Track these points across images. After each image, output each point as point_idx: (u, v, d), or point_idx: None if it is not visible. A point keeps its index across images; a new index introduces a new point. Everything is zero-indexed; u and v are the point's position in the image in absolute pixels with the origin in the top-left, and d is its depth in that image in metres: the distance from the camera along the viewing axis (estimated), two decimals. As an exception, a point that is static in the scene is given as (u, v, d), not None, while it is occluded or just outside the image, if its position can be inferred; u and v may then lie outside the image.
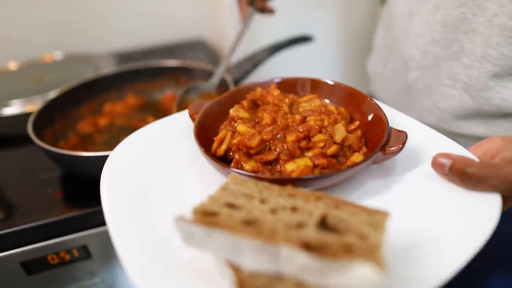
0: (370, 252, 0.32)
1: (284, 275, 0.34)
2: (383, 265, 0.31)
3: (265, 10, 0.99)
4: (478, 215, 0.43)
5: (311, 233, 0.34)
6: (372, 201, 0.48)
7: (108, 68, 1.23)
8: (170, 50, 1.47)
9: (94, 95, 1.06)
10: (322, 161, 0.49)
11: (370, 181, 0.52)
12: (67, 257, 0.77)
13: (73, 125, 1.00)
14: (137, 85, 1.10)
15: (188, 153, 0.58)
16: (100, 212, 0.75)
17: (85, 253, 0.78)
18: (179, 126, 0.62)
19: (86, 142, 0.96)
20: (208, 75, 1.05)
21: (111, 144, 0.93)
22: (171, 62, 1.11)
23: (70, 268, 0.79)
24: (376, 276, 0.30)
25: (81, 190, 0.83)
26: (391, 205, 0.44)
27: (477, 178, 0.45)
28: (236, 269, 0.35)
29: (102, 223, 0.76)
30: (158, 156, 0.57)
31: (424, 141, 0.55)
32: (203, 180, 0.54)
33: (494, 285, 0.83)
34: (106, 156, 0.71)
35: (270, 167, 0.50)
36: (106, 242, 0.78)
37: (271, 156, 0.50)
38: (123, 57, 1.41)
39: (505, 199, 0.45)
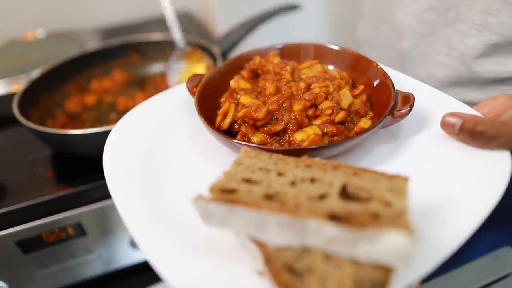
0: (397, 218, 0.32)
1: (311, 248, 0.33)
2: (412, 230, 0.30)
3: None
4: (489, 173, 0.43)
5: (336, 204, 0.34)
6: (383, 166, 0.47)
7: (93, 44, 1.18)
8: (157, 23, 1.41)
9: (80, 72, 1.02)
10: (331, 128, 0.48)
11: (378, 146, 0.51)
12: (62, 235, 0.77)
13: (60, 103, 0.96)
14: (124, 60, 1.06)
15: (189, 127, 0.56)
16: (93, 190, 0.76)
17: (79, 230, 0.78)
18: (178, 100, 0.60)
19: (74, 121, 0.93)
20: (197, 48, 1.02)
21: (100, 121, 0.93)
22: (158, 36, 1.07)
23: (66, 246, 0.79)
24: (406, 242, 0.30)
25: (71, 168, 0.81)
26: (403, 169, 0.44)
27: (488, 136, 0.44)
28: (261, 245, 0.34)
29: (95, 200, 0.77)
30: (159, 131, 0.55)
31: (429, 102, 0.54)
32: (208, 154, 0.52)
33: (486, 242, 0.85)
34: (95, 133, 0.71)
35: (278, 138, 0.49)
36: (100, 219, 0.78)
37: (279, 127, 0.48)
38: (108, 32, 1.35)
39: None
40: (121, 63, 1.06)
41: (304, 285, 0.30)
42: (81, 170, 0.79)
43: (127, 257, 0.85)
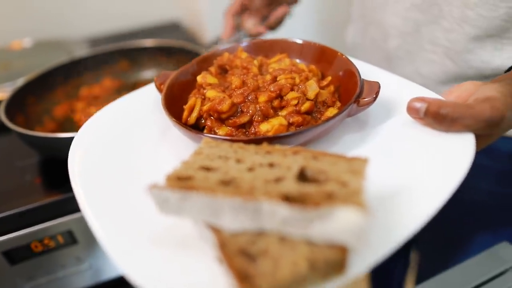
0: (351, 197, 0.30)
1: (266, 231, 0.31)
2: (364, 207, 0.29)
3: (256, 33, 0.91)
4: (453, 155, 0.42)
5: (291, 186, 0.32)
6: (351, 154, 0.46)
7: (80, 53, 1.16)
8: (145, 33, 1.39)
9: (69, 79, 0.99)
10: (296, 118, 0.47)
11: (346, 134, 0.50)
12: (52, 244, 0.73)
13: (48, 110, 0.94)
14: (113, 67, 1.04)
15: (159, 125, 0.54)
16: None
17: (70, 238, 0.74)
18: (148, 99, 0.58)
19: (62, 127, 0.91)
20: (187, 54, 0.99)
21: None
22: (148, 42, 1.05)
23: (56, 255, 0.75)
24: (359, 219, 0.29)
25: (60, 175, 0.77)
26: (369, 156, 0.42)
27: (451, 118, 0.43)
28: (216, 231, 0.32)
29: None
30: (128, 131, 0.54)
31: (397, 91, 0.53)
32: (177, 151, 0.50)
33: (478, 243, 0.83)
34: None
35: (244, 130, 0.48)
36: (92, 226, 0.75)
37: (244, 119, 0.47)
38: (96, 42, 1.33)
39: (478, 138, 0.45)
40: (110, 70, 1.04)
41: (257, 268, 0.29)
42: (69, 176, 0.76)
43: (119, 267, 0.82)
